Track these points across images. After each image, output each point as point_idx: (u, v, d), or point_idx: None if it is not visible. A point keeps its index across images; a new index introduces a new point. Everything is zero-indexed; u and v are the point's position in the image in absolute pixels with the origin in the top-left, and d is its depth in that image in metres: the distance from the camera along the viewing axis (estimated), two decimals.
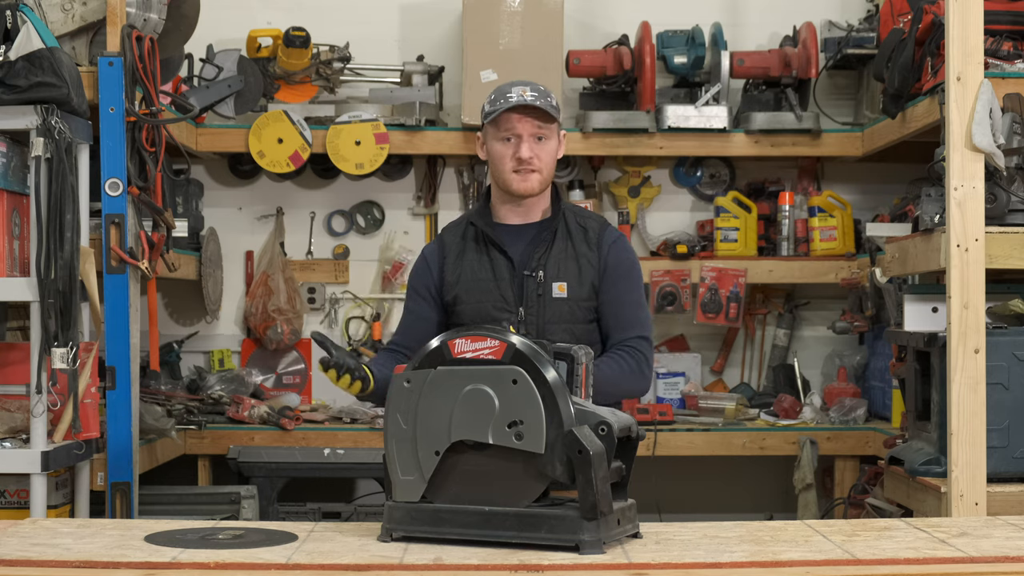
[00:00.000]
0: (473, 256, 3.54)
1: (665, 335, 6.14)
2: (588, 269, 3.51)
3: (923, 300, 4.53)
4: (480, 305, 3.50)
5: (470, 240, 3.57)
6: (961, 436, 4.04)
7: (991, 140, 4.08)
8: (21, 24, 4.32)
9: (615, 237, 3.58)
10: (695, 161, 6.13)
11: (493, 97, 3.52)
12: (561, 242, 3.53)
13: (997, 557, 2.69)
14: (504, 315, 3.47)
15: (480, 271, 3.52)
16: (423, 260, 3.63)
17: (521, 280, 3.50)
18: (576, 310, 3.49)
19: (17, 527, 3.03)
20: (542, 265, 3.50)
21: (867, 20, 5.88)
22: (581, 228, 3.56)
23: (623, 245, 3.59)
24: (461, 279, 3.53)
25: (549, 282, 3.49)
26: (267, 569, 2.62)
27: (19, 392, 4.26)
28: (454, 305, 3.54)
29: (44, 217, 4.09)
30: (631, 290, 3.55)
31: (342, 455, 5.35)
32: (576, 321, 3.48)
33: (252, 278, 6.05)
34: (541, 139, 3.50)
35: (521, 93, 3.47)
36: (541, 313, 3.47)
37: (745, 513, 5.88)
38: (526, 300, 3.49)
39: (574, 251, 3.52)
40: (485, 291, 3.50)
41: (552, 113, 3.49)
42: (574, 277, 3.50)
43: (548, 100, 3.49)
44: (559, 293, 3.48)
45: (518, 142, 3.48)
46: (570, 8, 5.79)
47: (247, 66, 5.63)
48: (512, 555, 2.69)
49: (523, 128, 3.47)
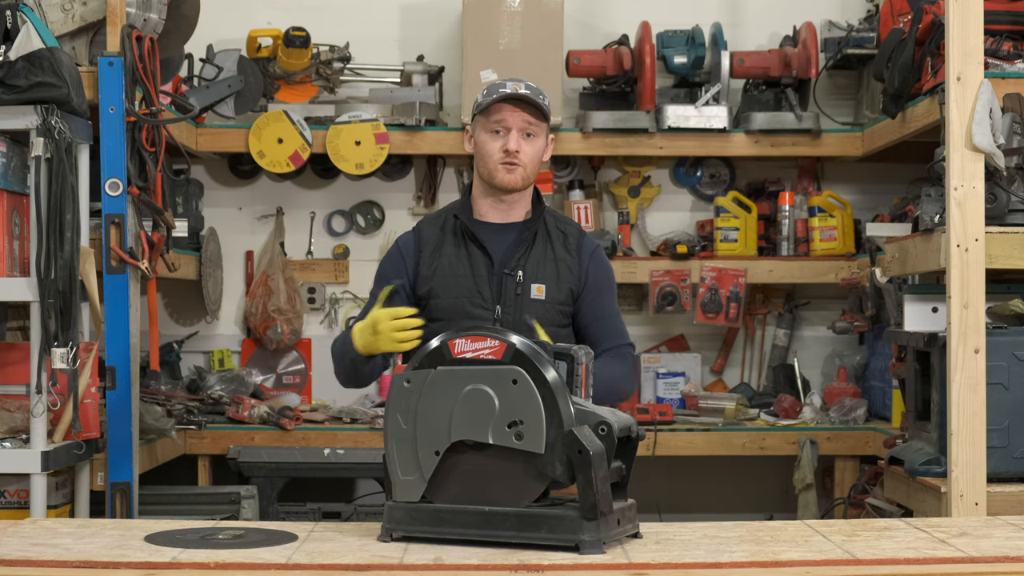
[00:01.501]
0: (451, 250, 3.53)
1: (665, 335, 6.14)
2: (567, 274, 3.54)
3: (923, 300, 4.53)
4: (456, 300, 3.49)
5: (449, 233, 3.56)
6: (961, 436, 4.04)
7: (991, 140, 4.08)
8: (21, 24, 4.32)
9: (594, 247, 3.63)
10: (695, 161, 6.13)
11: (486, 91, 3.53)
12: (541, 244, 3.54)
13: (997, 557, 2.69)
14: (480, 311, 3.46)
15: (458, 266, 3.51)
16: (397, 251, 3.61)
17: (500, 278, 3.50)
18: (552, 313, 3.51)
19: (17, 527, 3.03)
20: (521, 265, 3.51)
21: (867, 20, 5.88)
22: (561, 233, 3.58)
23: (602, 255, 3.65)
24: (437, 272, 3.52)
25: (528, 282, 3.50)
26: (267, 569, 2.62)
27: (19, 392, 4.26)
28: (428, 299, 3.52)
29: (44, 217, 4.09)
30: (612, 302, 3.64)
31: (342, 455, 5.35)
32: (551, 324, 3.47)
33: (252, 278, 6.05)
34: (530, 135, 3.49)
35: (515, 87, 3.48)
36: (518, 313, 3.47)
37: (745, 513, 5.88)
38: (504, 298, 3.49)
39: (553, 254, 3.54)
40: (462, 286, 3.50)
41: (544, 110, 3.49)
42: (552, 280, 3.52)
43: (541, 98, 3.50)
44: (537, 295, 3.50)
45: (506, 134, 3.47)
46: (570, 8, 5.79)
47: (247, 66, 5.63)
48: (512, 555, 2.69)
49: (513, 121, 3.47)
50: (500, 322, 3.45)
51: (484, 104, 3.49)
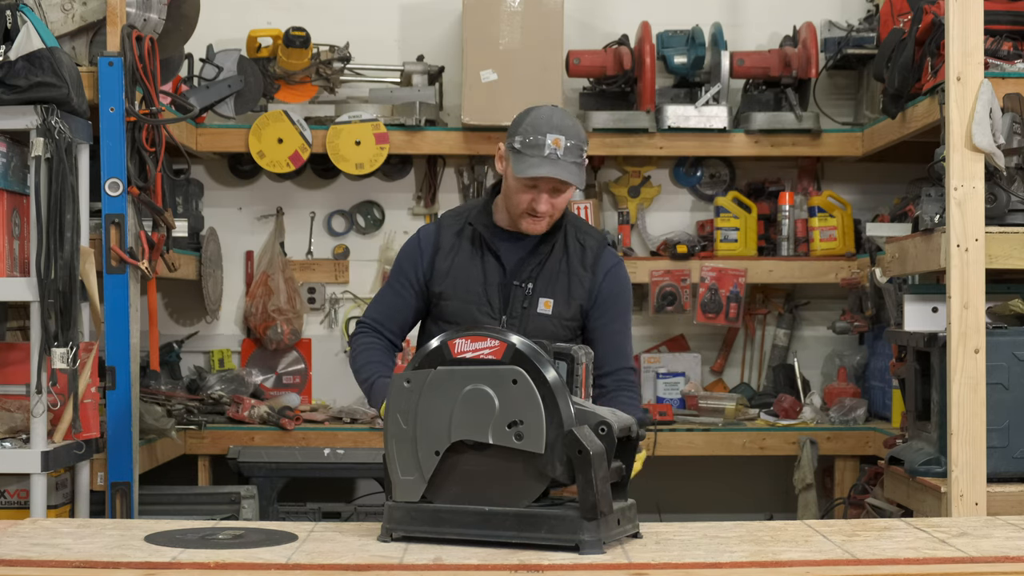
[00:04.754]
0: (467, 254, 3.53)
1: (665, 335, 6.14)
2: (579, 289, 3.52)
3: (923, 300, 4.53)
4: (465, 305, 3.50)
5: (466, 238, 3.56)
6: (961, 436, 4.04)
7: (991, 140, 4.08)
8: (21, 24, 4.32)
9: (613, 263, 3.59)
10: (695, 161, 6.13)
11: (526, 134, 3.40)
12: (557, 257, 3.53)
13: (997, 557, 2.69)
14: (487, 319, 3.46)
15: (472, 271, 3.52)
16: (416, 241, 3.60)
17: (509, 289, 3.50)
18: (558, 328, 3.50)
19: (17, 527, 3.03)
20: (533, 278, 3.50)
21: (867, 20, 5.88)
22: (580, 245, 3.55)
23: (620, 272, 3.60)
24: (451, 274, 3.52)
25: (536, 296, 3.49)
26: (267, 569, 2.62)
27: (19, 392, 4.26)
28: (440, 299, 3.53)
29: (44, 217, 4.09)
30: (626, 322, 3.61)
31: (342, 455, 5.35)
32: (556, 339, 3.36)
33: (252, 278, 6.05)
34: (561, 191, 3.45)
35: (554, 146, 3.36)
36: (523, 325, 3.45)
37: (745, 513, 5.88)
38: (510, 309, 3.49)
39: (568, 268, 3.53)
40: (473, 292, 3.50)
41: (574, 182, 3.40)
42: (562, 295, 3.51)
43: (579, 155, 3.40)
44: (544, 309, 3.49)
45: (536, 193, 3.43)
46: (570, 8, 5.79)
47: (247, 66, 5.63)
48: (512, 555, 2.69)
49: (545, 184, 3.42)
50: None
51: (520, 154, 3.39)
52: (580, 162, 3.43)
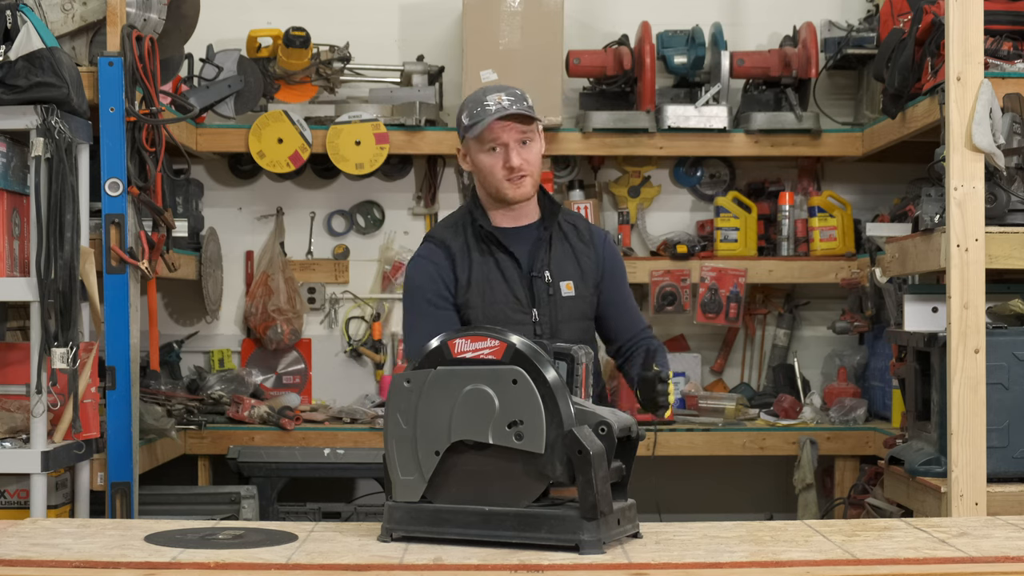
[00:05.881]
0: (478, 258, 3.53)
1: (665, 335, 6.13)
2: (588, 265, 3.60)
3: (923, 300, 4.53)
4: (495, 307, 3.50)
5: (471, 241, 3.56)
6: (961, 436, 4.04)
7: (991, 140, 4.08)
8: (21, 24, 4.32)
9: (604, 234, 3.71)
10: (695, 161, 6.13)
11: (469, 109, 3.49)
12: (559, 242, 3.58)
13: (997, 557, 2.69)
14: (519, 316, 3.48)
15: (490, 273, 3.52)
16: (431, 266, 3.54)
17: (530, 282, 3.53)
18: (585, 307, 3.58)
19: (17, 527, 3.03)
20: (546, 266, 3.54)
21: (867, 20, 5.88)
22: (572, 227, 3.63)
23: (612, 242, 3.76)
24: (472, 281, 3.52)
25: (557, 282, 3.54)
26: (267, 569, 2.62)
27: (19, 392, 4.26)
28: (466, 308, 3.52)
29: (44, 217, 4.09)
30: (627, 286, 3.74)
31: (342, 455, 5.35)
32: (584, 317, 3.57)
33: (252, 278, 6.05)
34: (526, 143, 3.48)
35: (497, 100, 3.44)
36: (554, 313, 3.51)
37: (745, 513, 5.88)
38: (538, 301, 3.52)
39: (572, 249, 3.59)
40: (498, 292, 3.51)
41: (531, 115, 3.47)
42: (577, 275, 3.57)
43: (524, 103, 3.47)
44: (568, 292, 3.54)
45: (505, 151, 3.46)
46: (570, 8, 5.79)
47: (247, 66, 5.63)
48: (512, 555, 2.69)
49: (508, 136, 3.45)
50: (539, 325, 3.49)
51: (473, 127, 3.45)
52: (529, 105, 3.47)
